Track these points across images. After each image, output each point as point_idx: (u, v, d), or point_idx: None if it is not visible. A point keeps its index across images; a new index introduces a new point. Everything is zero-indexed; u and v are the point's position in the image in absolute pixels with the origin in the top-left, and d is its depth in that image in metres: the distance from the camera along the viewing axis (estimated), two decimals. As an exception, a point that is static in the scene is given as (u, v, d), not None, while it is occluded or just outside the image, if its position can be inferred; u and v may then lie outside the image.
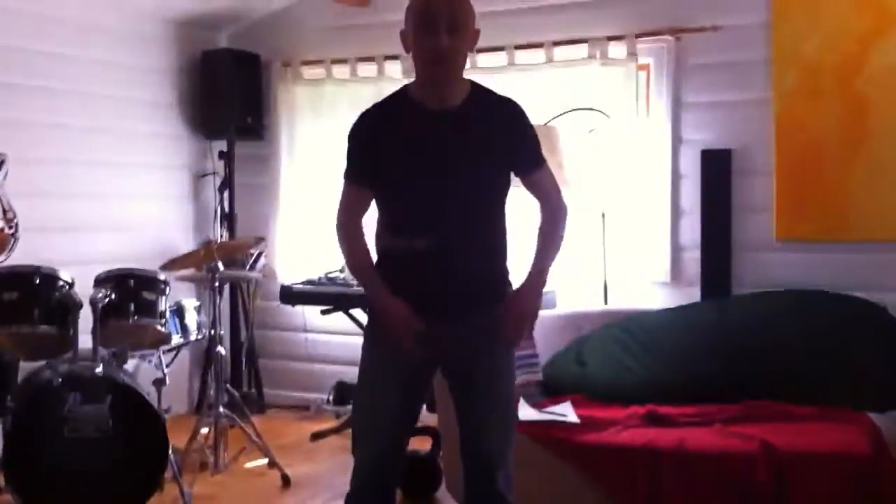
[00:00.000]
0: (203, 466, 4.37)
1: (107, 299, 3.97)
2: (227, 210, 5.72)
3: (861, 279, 4.40)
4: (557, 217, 2.79)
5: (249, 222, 5.78)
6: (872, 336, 3.95)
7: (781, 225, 4.68)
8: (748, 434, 3.43)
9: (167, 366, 4.43)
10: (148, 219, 5.59)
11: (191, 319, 4.52)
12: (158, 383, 4.29)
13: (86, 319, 3.89)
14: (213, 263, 4.37)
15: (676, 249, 4.95)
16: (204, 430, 4.43)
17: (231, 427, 4.47)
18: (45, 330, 3.93)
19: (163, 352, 4.42)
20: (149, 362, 4.47)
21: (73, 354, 3.85)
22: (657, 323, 4.25)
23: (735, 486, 3.29)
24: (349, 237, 2.76)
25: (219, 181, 5.74)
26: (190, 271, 4.66)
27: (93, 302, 3.89)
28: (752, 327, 4.07)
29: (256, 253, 5.27)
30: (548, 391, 4.05)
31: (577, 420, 3.68)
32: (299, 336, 5.79)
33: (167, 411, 4.24)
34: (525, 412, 3.70)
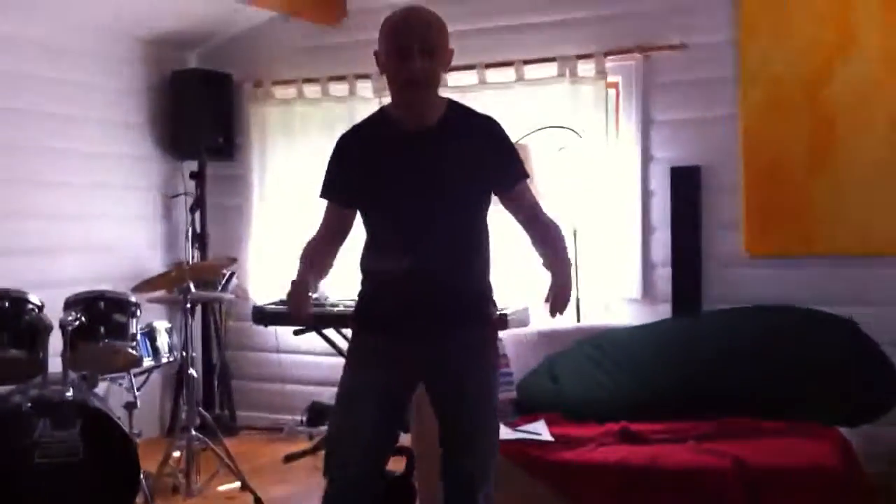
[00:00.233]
0: (175, 490, 4.33)
1: (77, 322, 3.94)
2: (199, 231, 5.69)
3: (830, 293, 4.46)
4: (552, 228, 2.73)
5: (221, 243, 5.75)
6: (841, 350, 3.97)
7: (750, 240, 4.72)
8: (720, 451, 3.44)
9: (138, 389, 4.39)
10: (118, 240, 5.54)
11: (162, 341, 4.50)
12: (130, 406, 4.26)
13: (56, 342, 3.86)
14: (185, 285, 4.34)
15: (647, 266, 4.99)
16: (176, 454, 4.40)
17: (203, 450, 4.43)
18: (15, 354, 3.91)
19: (134, 374, 4.39)
20: (120, 385, 4.44)
21: (43, 378, 3.82)
22: (629, 339, 4.27)
23: (709, 503, 3.30)
24: (308, 244, 2.76)
25: (190, 202, 5.71)
26: (161, 293, 4.62)
27: (63, 325, 3.86)
28: (723, 343, 4.08)
29: (228, 273, 5.23)
30: (521, 409, 4.05)
31: (551, 438, 3.69)
32: (272, 357, 5.75)
33: (139, 435, 4.20)
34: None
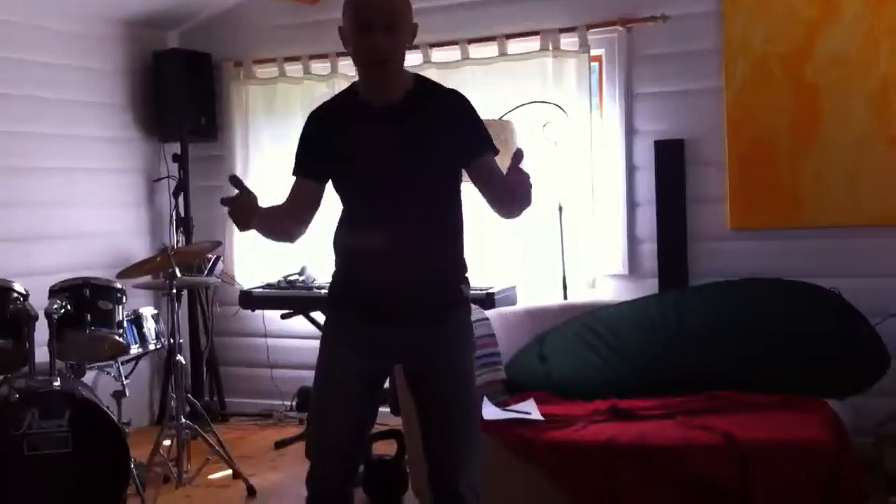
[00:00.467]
0: (166, 479, 4.33)
1: (62, 310, 3.91)
2: (183, 214, 5.62)
3: (815, 265, 4.46)
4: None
5: (206, 226, 5.67)
6: (827, 322, 3.99)
7: (735, 214, 4.72)
8: (710, 426, 3.45)
9: (126, 377, 4.37)
10: (102, 226, 5.50)
11: (149, 328, 4.45)
12: (118, 395, 4.24)
13: (42, 332, 3.84)
14: (171, 270, 4.32)
15: (633, 241, 4.99)
16: (166, 443, 4.39)
17: (193, 438, 4.43)
18: (0, 344, 3.87)
19: (121, 363, 4.36)
20: (108, 374, 4.41)
21: (30, 369, 3.80)
22: (616, 316, 4.27)
23: (698, 479, 3.30)
24: None
25: (173, 185, 5.64)
26: (147, 279, 4.59)
27: (48, 314, 3.83)
28: (710, 317, 4.09)
29: (214, 258, 5.19)
30: (511, 389, 4.06)
31: (541, 417, 3.70)
32: (260, 342, 5.72)
33: (128, 424, 4.18)
34: (489, 411, 3.71)
